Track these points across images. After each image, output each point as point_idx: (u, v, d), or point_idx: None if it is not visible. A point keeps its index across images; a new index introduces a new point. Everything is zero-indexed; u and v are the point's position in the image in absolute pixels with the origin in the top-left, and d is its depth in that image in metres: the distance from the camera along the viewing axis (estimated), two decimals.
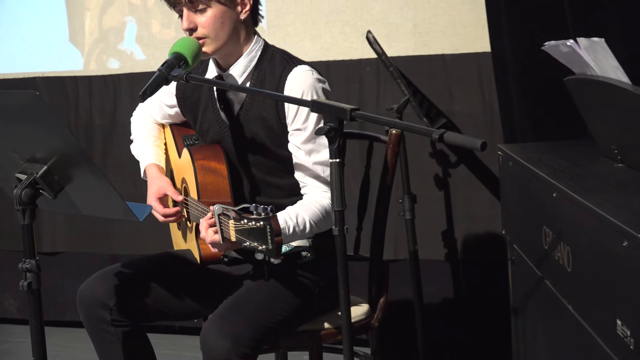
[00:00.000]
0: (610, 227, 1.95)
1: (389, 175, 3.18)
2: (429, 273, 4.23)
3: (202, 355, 2.78)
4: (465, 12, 4.12)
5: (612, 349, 1.99)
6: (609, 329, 1.99)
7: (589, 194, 2.21)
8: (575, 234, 2.26)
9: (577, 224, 2.22)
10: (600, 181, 2.43)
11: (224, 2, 2.86)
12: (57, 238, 5.03)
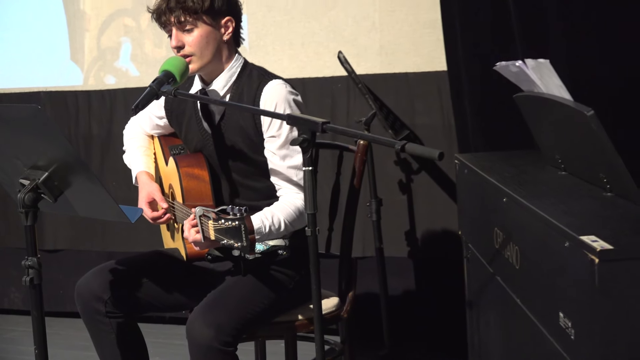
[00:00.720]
0: (554, 230, 1.96)
1: (357, 181, 3.18)
2: (394, 269, 4.23)
3: (188, 343, 2.76)
4: (426, 36, 4.13)
5: (556, 338, 2.00)
6: (553, 320, 2.00)
7: (535, 199, 2.23)
8: (523, 235, 2.28)
9: (525, 226, 2.23)
10: (545, 187, 2.45)
11: (209, 24, 2.87)
12: (58, 237, 5.01)
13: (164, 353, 3.93)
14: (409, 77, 4.21)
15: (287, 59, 4.44)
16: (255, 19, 4.48)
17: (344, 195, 3.27)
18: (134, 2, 4.75)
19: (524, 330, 2.30)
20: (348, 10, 4.31)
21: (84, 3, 4.88)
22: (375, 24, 4.27)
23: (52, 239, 5.01)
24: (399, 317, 4.21)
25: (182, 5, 2.83)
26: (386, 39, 4.26)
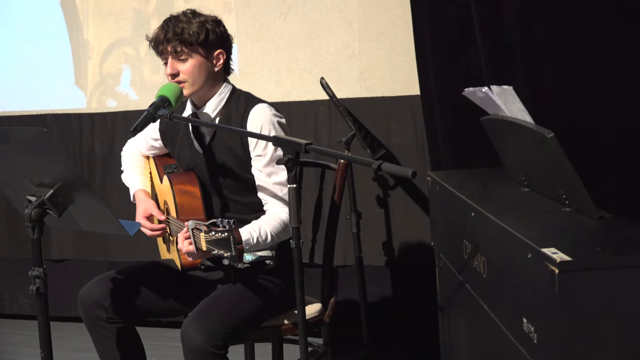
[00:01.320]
0: (518, 242, 1.96)
1: (338, 197, 3.17)
2: (372, 276, 4.22)
3: (182, 347, 2.75)
4: (401, 63, 4.14)
5: (520, 342, 1.99)
6: (517, 325, 2.00)
7: (501, 214, 2.22)
8: (489, 246, 2.27)
9: (491, 238, 2.23)
10: (509, 203, 2.44)
11: (202, 55, 2.90)
12: (64, 248, 4.99)
13: (161, 355, 3.91)
14: (386, 100, 4.21)
15: (274, 84, 4.44)
16: (244, 48, 4.48)
17: (326, 209, 3.26)
18: (133, 32, 4.75)
19: (490, 334, 2.29)
20: (330, 40, 4.32)
21: (87, 33, 4.87)
22: (354, 52, 4.27)
23: (58, 249, 4.99)
24: (377, 321, 4.19)
25: (179, 37, 2.85)
26: (365, 66, 4.27)
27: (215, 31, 2.92)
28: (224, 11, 4.45)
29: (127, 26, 4.78)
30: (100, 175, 4.82)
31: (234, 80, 3.11)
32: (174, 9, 3.04)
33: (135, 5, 4.75)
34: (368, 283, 4.13)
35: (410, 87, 4.03)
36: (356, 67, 4.28)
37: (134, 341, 3.04)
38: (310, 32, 4.36)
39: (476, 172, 3.03)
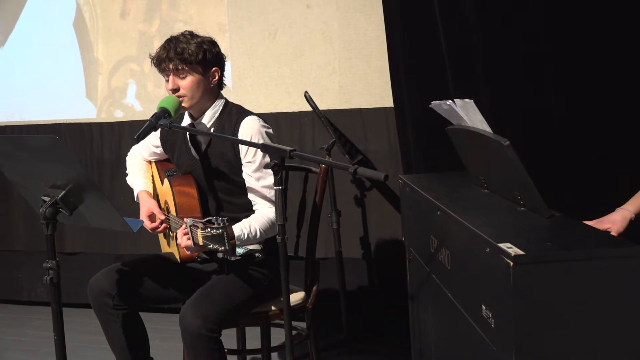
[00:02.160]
0: (477, 238, 1.96)
1: (319, 197, 3.17)
2: (350, 268, 4.22)
3: (181, 331, 2.75)
4: (376, 79, 4.15)
5: (480, 327, 1.99)
6: (477, 312, 2.00)
7: (463, 212, 2.22)
8: (453, 241, 2.27)
9: (455, 234, 2.23)
10: (471, 203, 2.45)
11: (200, 72, 2.90)
12: (76, 242, 4.98)
13: (163, 337, 3.89)
14: (363, 112, 4.21)
15: (263, 97, 4.44)
16: (237, 64, 4.47)
17: (309, 208, 3.25)
18: (138, 51, 4.73)
19: (454, 319, 2.29)
20: (313, 58, 4.32)
21: (97, 51, 4.86)
22: (335, 69, 4.27)
23: (71, 243, 4.98)
24: (355, 308, 4.19)
25: (179, 56, 2.85)
26: (344, 81, 4.27)
27: (212, 51, 2.92)
28: (218, 32, 4.45)
29: (132, 45, 4.77)
30: (109, 177, 4.80)
31: (228, 94, 3.11)
32: (174, 31, 3.03)
33: (140, 27, 4.74)
34: (347, 274, 4.13)
35: (384, 100, 4.04)
36: (336, 82, 4.27)
37: (137, 325, 3.03)
38: (295, 51, 4.35)
39: (442, 175, 3.03)
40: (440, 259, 2.42)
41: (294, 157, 2.38)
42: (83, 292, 3.00)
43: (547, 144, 3.22)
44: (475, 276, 2.02)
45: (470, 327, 2.08)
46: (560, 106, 3.23)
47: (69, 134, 4.91)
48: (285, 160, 2.39)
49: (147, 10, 4.72)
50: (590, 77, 3.16)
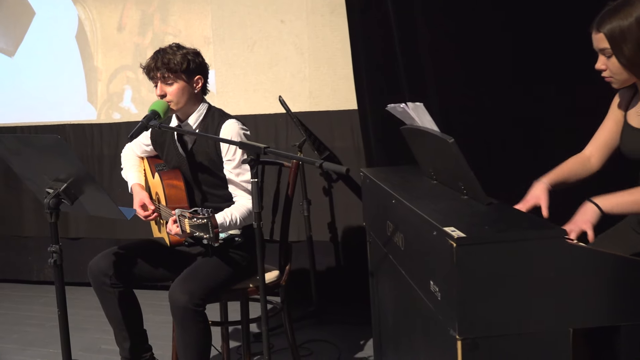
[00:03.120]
0: (426, 223, 1.97)
1: (291, 189, 3.18)
2: (319, 249, 4.23)
3: (170, 305, 2.75)
4: (342, 85, 4.15)
5: (429, 299, 2.00)
6: (426, 287, 2.01)
7: (414, 200, 2.23)
8: (406, 226, 2.28)
9: (407, 219, 2.24)
10: (421, 192, 2.45)
11: (185, 80, 2.88)
12: (79, 228, 4.96)
13: (155, 312, 3.88)
14: (330, 114, 4.21)
15: (243, 101, 4.43)
16: (220, 72, 4.45)
17: (282, 198, 3.25)
18: (133, 60, 4.70)
19: (406, 293, 2.31)
20: (286, 67, 4.31)
21: (97, 60, 4.83)
22: (305, 76, 4.27)
23: (75, 230, 4.96)
24: (323, 284, 4.20)
25: (166, 66, 2.84)
26: (313, 87, 4.26)
27: (195, 61, 2.91)
28: (204, 44, 4.43)
29: (128, 55, 4.74)
30: (108, 172, 4.77)
31: (213, 98, 3.10)
32: (165, 43, 3.01)
33: (135, 40, 4.71)
34: (316, 254, 4.15)
35: (349, 103, 4.04)
36: (307, 87, 4.27)
37: (132, 301, 3.02)
38: (271, 60, 4.35)
39: (397, 168, 3.04)
40: (395, 241, 2.43)
41: (268, 153, 2.38)
42: (85, 273, 2.99)
43: (486, 140, 3.25)
44: (424, 256, 2.03)
45: (420, 299, 2.10)
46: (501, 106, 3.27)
47: (73, 134, 4.87)
48: (260, 156, 2.38)
49: (141, 25, 4.69)
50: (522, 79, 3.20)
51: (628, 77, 2.15)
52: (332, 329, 3.94)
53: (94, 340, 3.96)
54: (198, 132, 2.88)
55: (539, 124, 3.19)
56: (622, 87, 2.22)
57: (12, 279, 5.28)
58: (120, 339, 3.02)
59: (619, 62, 2.11)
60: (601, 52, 2.16)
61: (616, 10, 2.09)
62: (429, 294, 1.97)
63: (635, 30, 2.05)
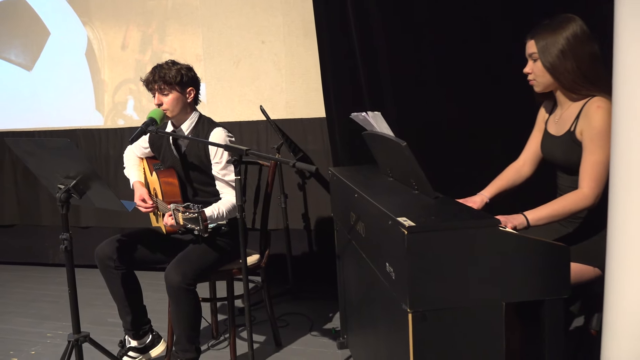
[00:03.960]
0: (383, 214, 1.98)
1: (270, 185, 3.16)
2: (294, 236, 4.21)
3: (165, 284, 2.73)
4: (314, 97, 4.13)
5: (385, 279, 2.02)
6: (383, 268, 2.02)
7: (374, 195, 2.24)
8: (367, 216, 2.29)
9: (368, 211, 2.25)
10: (380, 188, 2.46)
11: (179, 91, 2.87)
12: (89, 218, 4.89)
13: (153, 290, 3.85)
14: (304, 121, 4.19)
15: (230, 110, 4.40)
16: (210, 85, 4.42)
17: (263, 192, 3.24)
18: (135, 74, 4.65)
19: (367, 273, 2.32)
20: (266, 81, 4.29)
21: (104, 74, 4.77)
22: (283, 89, 4.25)
23: (85, 219, 4.89)
24: (297, 265, 4.19)
25: (162, 79, 2.82)
26: (290, 98, 4.25)
27: (188, 75, 2.89)
28: (196, 61, 4.40)
29: (131, 70, 4.69)
30: (113, 170, 4.71)
31: (204, 108, 3.08)
32: (162, 59, 2.99)
33: (137, 57, 4.66)
34: (292, 240, 4.13)
35: (320, 112, 4.02)
36: (284, 98, 4.26)
37: (133, 281, 3.00)
38: (253, 75, 4.32)
39: (360, 167, 3.05)
40: (358, 230, 2.43)
41: (249, 154, 2.37)
42: (92, 257, 2.96)
43: (433, 143, 3.27)
44: (381, 241, 2.04)
45: (378, 279, 2.11)
46: (445, 112, 3.29)
47: (83, 138, 4.81)
48: (242, 157, 2.37)
49: (141, 44, 4.64)
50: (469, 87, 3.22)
51: (549, 82, 2.17)
52: (305, 303, 3.94)
53: (100, 315, 3.93)
54: (190, 137, 2.86)
55: (478, 132, 3.22)
56: (542, 91, 2.23)
57: (31, 262, 5.20)
58: (124, 314, 3.00)
59: (543, 65, 2.14)
60: (530, 56, 2.18)
61: (549, 26, 2.13)
62: (385, 274, 1.98)
63: (560, 42, 2.09)
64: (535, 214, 2.04)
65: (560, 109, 2.25)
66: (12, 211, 5.16)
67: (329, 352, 3.19)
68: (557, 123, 2.24)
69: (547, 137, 2.29)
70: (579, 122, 2.12)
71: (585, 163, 2.06)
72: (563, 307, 1.86)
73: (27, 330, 3.75)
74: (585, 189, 2.04)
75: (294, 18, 4.17)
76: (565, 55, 2.09)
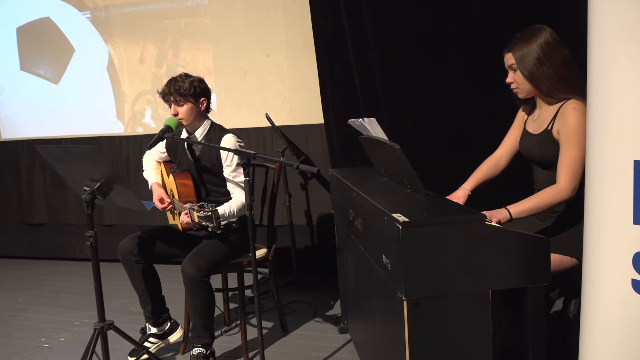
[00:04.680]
0: (379, 210, 1.97)
1: (276, 185, 3.14)
2: (298, 232, 4.19)
3: (182, 276, 2.72)
4: (314, 105, 4.10)
5: (381, 269, 2.01)
6: (379, 259, 2.01)
7: (370, 193, 2.23)
8: (364, 213, 2.28)
9: (365, 208, 2.24)
10: (375, 187, 2.45)
11: (192, 102, 2.85)
12: (112, 217, 4.88)
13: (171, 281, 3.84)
14: (305, 127, 4.18)
15: (238, 118, 4.38)
16: (220, 96, 4.41)
17: (269, 192, 3.23)
18: (152, 86, 4.64)
19: (365, 265, 2.31)
20: (271, 91, 4.28)
21: (124, 86, 4.76)
22: (286, 98, 4.24)
23: (108, 218, 4.88)
24: (301, 258, 4.18)
25: (177, 91, 2.80)
26: (293, 106, 4.23)
27: (200, 86, 2.87)
28: (207, 73, 4.39)
29: (148, 82, 4.68)
30: (134, 173, 4.70)
31: (214, 116, 3.07)
32: (176, 72, 2.98)
33: (154, 70, 4.65)
34: (296, 235, 4.12)
35: (319, 119, 4.02)
36: (287, 107, 4.24)
37: (153, 274, 2.97)
38: (259, 86, 4.31)
39: (357, 169, 3.04)
40: (356, 225, 2.43)
41: (257, 158, 2.37)
42: (115, 252, 2.95)
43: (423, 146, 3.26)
44: (378, 235, 2.03)
45: (375, 269, 2.10)
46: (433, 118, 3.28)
47: (105, 144, 4.80)
48: (251, 160, 2.36)
49: (158, 58, 4.63)
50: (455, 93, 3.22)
51: (530, 88, 2.17)
52: (308, 292, 3.92)
53: (123, 304, 3.91)
54: (203, 143, 2.85)
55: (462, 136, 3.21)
56: (526, 97, 2.23)
57: (59, 257, 5.20)
58: (144, 303, 2.98)
59: (522, 74, 2.13)
60: (509, 68, 2.18)
61: (522, 37, 2.13)
62: (382, 265, 1.97)
63: (535, 50, 2.08)
64: (517, 208, 2.03)
65: (539, 110, 2.24)
66: (42, 211, 5.15)
67: (330, 336, 3.18)
68: (536, 122, 2.23)
69: (525, 135, 2.28)
70: (555, 122, 2.11)
71: (562, 159, 2.05)
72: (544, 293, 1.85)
73: (57, 319, 3.73)
74: (563, 183, 2.03)
75: (295, 34, 4.16)
76: (541, 62, 2.08)
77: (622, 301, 1.48)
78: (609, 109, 1.46)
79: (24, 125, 5.13)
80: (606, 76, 1.46)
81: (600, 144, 1.50)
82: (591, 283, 1.58)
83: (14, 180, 5.20)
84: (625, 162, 1.43)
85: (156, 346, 3.03)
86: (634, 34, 1.38)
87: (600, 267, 1.54)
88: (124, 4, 4.68)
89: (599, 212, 1.52)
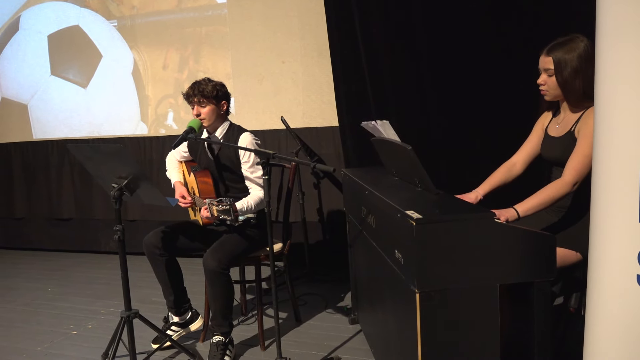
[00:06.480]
0: (392, 207, 1.96)
1: (291, 183, 3.13)
2: (311, 228, 4.18)
3: (203, 269, 2.71)
4: (327, 109, 4.11)
5: (394, 264, 1.99)
6: (392, 254, 1.99)
7: (382, 191, 2.22)
8: (376, 210, 2.26)
9: (377, 205, 2.22)
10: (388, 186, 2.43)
11: (214, 104, 2.85)
12: (136, 212, 4.87)
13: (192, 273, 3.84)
14: (318, 129, 4.17)
15: (255, 120, 4.38)
16: (238, 100, 4.41)
17: (284, 190, 3.22)
18: (174, 90, 4.65)
19: (377, 260, 2.29)
20: (286, 95, 4.27)
21: (148, 90, 4.76)
22: (300, 102, 4.23)
23: (132, 213, 4.88)
24: (314, 252, 4.16)
25: (201, 93, 2.80)
26: (306, 109, 4.22)
27: (221, 90, 2.87)
28: (226, 78, 4.38)
29: (170, 87, 4.68)
30: (157, 172, 4.70)
31: (233, 118, 3.07)
32: (198, 77, 2.98)
33: (176, 76, 4.65)
34: (309, 231, 4.11)
35: (333, 122, 4.02)
36: (301, 110, 4.23)
37: (175, 266, 2.97)
38: (274, 90, 4.30)
39: (369, 169, 3.03)
40: (368, 222, 2.41)
41: (275, 157, 2.36)
42: (140, 245, 2.94)
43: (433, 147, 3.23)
44: (391, 232, 2.02)
45: (387, 264, 2.08)
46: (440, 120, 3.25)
47: (130, 144, 4.80)
48: (269, 159, 2.36)
49: (180, 64, 4.63)
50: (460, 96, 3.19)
51: (559, 94, 2.15)
52: (321, 285, 3.91)
53: (147, 295, 3.91)
54: (223, 142, 2.85)
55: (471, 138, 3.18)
56: (551, 100, 2.20)
57: (86, 250, 5.21)
58: (167, 294, 2.98)
59: (557, 81, 2.11)
60: (545, 71, 2.14)
61: (564, 44, 2.09)
62: (395, 259, 1.96)
63: (574, 61, 2.05)
64: (524, 206, 2.00)
65: (563, 113, 2.22)
66: (70, 207, 5.17)
67: (342, 326, 3.17)
68: (560, 126, 2.21)
69: (547, 139, 2.26)
70: (578, 124, 2.10)
71: (574, 155, 2.04)
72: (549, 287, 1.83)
73: (84, 308, 3.74)
74: (567, 176, 2.01)
75: (309, 41, 4.15)
76: (577, 74, 2.05)
77: (627, 297, 1.46)
78: (616, 107, 1.44)
79: (54, 127, 5.15)
80: (613, 74, 1.43)
81: (607, 142, 1.47)
82: (597, 279, 1.55)
83: (44, 178, 5.22)
84: (631, 159, 1.40)
85: (178, 334, 3.02)
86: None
87: (606, 263, 1.51)
88: (149, 14, 4.69)
89: (606, 209, 1.50)
